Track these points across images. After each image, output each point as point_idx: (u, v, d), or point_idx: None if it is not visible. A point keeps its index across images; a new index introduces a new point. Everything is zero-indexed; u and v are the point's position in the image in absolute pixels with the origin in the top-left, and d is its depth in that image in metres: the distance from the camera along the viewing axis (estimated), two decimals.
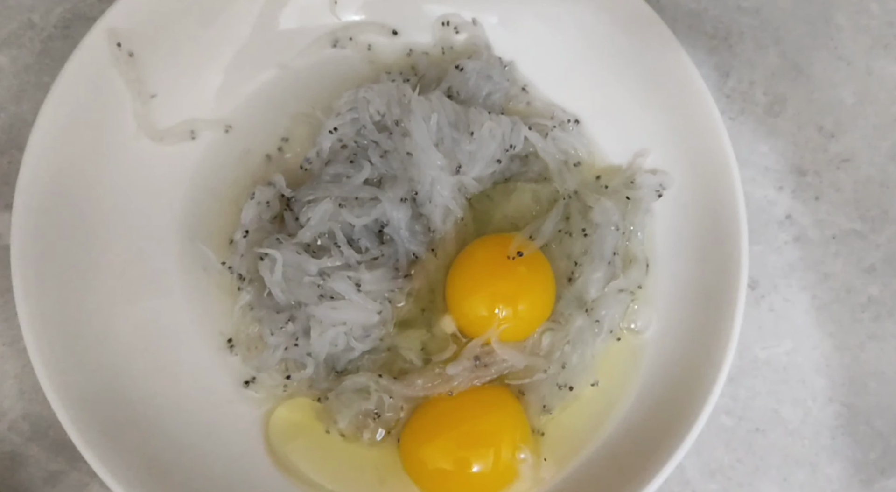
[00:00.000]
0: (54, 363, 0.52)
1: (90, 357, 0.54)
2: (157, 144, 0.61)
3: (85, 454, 0.50)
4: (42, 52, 0.68)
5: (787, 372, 0.64)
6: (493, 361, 0.56)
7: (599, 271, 0.58)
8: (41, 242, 0.55)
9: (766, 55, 0.70)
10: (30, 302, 0.53)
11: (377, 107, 0.60)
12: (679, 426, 0.54)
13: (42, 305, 0.53)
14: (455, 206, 0.59)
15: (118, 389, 0.55)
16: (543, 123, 0.63)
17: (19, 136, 0.66)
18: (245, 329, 0.59)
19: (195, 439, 0.55)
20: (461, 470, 0.55)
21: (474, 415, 0.56)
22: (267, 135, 0.64)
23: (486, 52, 0.64)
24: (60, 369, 0.52)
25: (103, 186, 0.58)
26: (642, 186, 0.60)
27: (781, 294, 0.65)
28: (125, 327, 0.57)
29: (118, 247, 0.58)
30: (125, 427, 0.53)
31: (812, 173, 0.68)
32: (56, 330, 0.53)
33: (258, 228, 0.60)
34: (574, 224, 0.59)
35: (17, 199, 0.54)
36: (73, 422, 0.50)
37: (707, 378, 0.54)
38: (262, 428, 0.57)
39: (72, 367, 0.53)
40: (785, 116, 0.69)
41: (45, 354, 0.52)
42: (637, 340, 0.59)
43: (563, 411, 0.58)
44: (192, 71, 0.62)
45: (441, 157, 0.58)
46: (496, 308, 0.56)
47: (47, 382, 0.51)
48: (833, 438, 0.63)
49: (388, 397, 0.56)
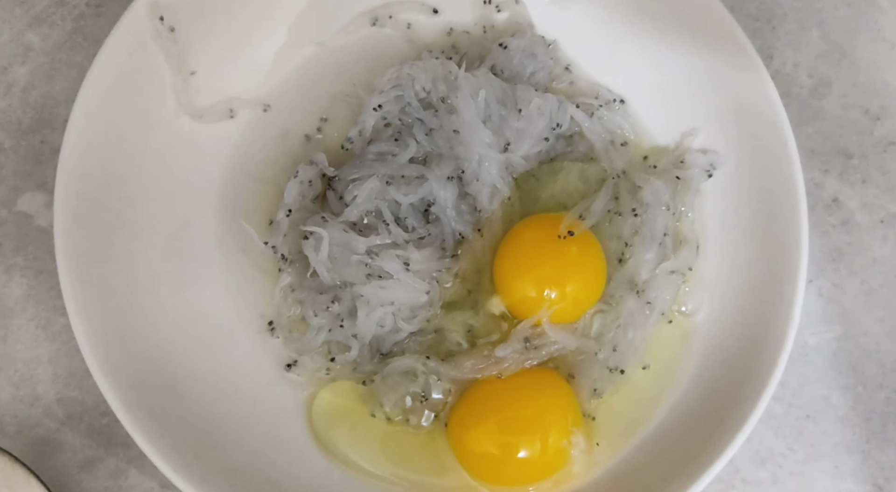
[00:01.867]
0: (100, 345, 0.50)
1: (133, 338, 0.53)
2: (196, 122, 0.59)
3: (134, 435, 0.49)
4: (74, 30, 0.66)
5: (837, 358, 0.62)
6: (544, 342, 0.55)
7: (650, 252, 0.57)
8: (83, 220, 0.53)
9: (810, 37, 0.69)
10: (73, 282, 0.51)
11: (422, 83, 0.59)
12: (735, 414, 0.52)
13: (85, 285, 0.52)
14: (503, 184, 0.57)
15: (161, 370, 0.53)
16: (588, 102, 0.61)
17: (51, 115, 0.64)
18: (286, 311, 0.58)
19: (238, 421, 0.54)
20: (510, 455, 0.54)
21: (524, 398, 0.54)
22: (305, 115, 0.63)
23: (529, 31, 0.63)
24: (106, 351, 0.50)
25: (143, 163, 0.57)
26: (692, 165, 0.59)
27: (830, 279, 0.64)
28: (166, 309, 0.55)
29: (158, 226, 0.57)
30: (169, 409, 0.52)
31: (858, 156, 0.67)
32: (100, 311, 0.52)
33: (300, 208, 0.58)
34: (624, 204, 0.58)
35: (59, 177, 0.53)
36: (122, 403, 0.49)
37: (764, 365, 0.53)
38: (305, 411, 0.56)
39: (117, 348, 0.51)
40: (830, 99, 0.68)
41: (91, 335, 0.50)
42: (688, 323, 0.58)
43: (613, 395, 0.56)
44: (231, 48, 0.60)
45: (489, 134, 0.56)
46: (546, 289, 0.54)
47: (94, 362, 0.50)
48: (884, 424, 0.61)
49: (437, 380, 0.54)
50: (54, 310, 0.60)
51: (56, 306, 0.60)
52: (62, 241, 0.52)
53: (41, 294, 0.61)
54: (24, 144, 0.64)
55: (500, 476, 0.55)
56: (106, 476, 0.58)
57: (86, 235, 0.53)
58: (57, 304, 0.60)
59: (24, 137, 0.64)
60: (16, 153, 0.63)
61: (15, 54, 0.65)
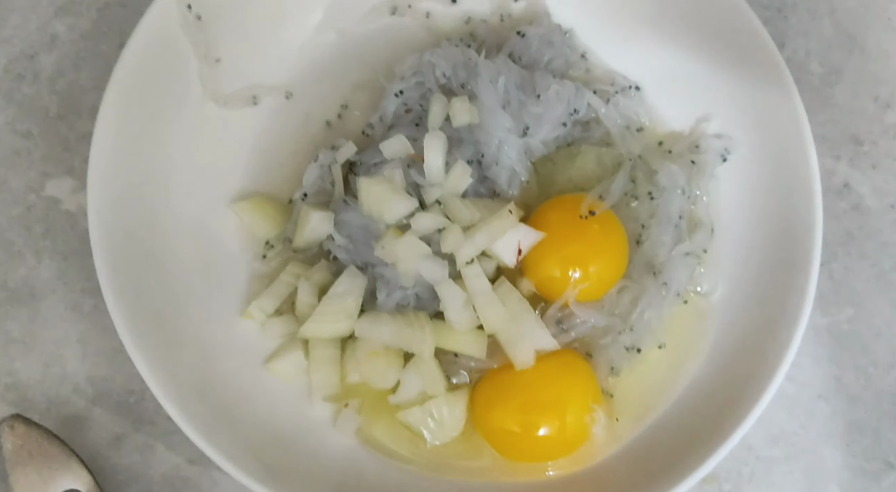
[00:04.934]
0: (134, 323, 0.52)
1: (164, 316, 0.54)
2: (222, 108, 0.61)
3: (167, 408, 0.50)
4: (98, 19, 0.68)
5: (849, 339, 0.64)
6: (573, 324, 0.56)
7: (666, 234, 0.58)
8: (114, 205, 0.55)
9: (821, 26, 0.70)
10: (108, 265, 0.53)
11: (443, 70, 0.60)
12: (749, 393, 0.53)
13: (118, 267, 0.53)
14: (521, 168, 0.59)
15: (191, 348, 0.55)
16: (605, 89, 0.62)
17: (78, 102, 0.66)
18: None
19: (268, 399, 0.56)
20: (531, 433, 0.55)
21: (545, 378, 0.55)
22: (327, 102, 0.64)
23: (546, 19, 0.64)
24: (139, 328, 0.52)
25: (170, 149, 0.58)
26: (707, 150, 0.60)
27: (841, 262, 0.65)
28: (194, 286, 0.57)
29: (185, 209, 0.58)
30: (200, 384, 0.53)
31: (869, 143, 0.68)
32: (132, 291, 0.53)
33: (318, 191, 0.60)
34: (640, 187, 0.59)
35: (92, 162, 0.54)
36: (154, 377, 0.51)
37: (778, 345, 0.54)
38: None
39: (149, 326, 0.53)
40: (841, 87, 0.69)
41: (123, 311, 0.52)
42: (704, 304, 0.59)
43: (630, 374, 0.58)
44: (255, 37, 0.62)
45: (509, 119, 0.58)
46: (571, 268, 0.56)
47: (128, 338, 0.51)
48: (895, 403, 0.62)
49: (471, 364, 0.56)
50: (83, 292, 0.62)
51: (84, 288, 0.62)
52: (96, 225, 0.53)
53: (70, 276, 0.62)
54: (52, 131, 0.65)
55: (523, 453, 0.56)
56: (134, 452, 0.59)
57: (117, 219, 0.54)
58: (85, 286, 0.62)
59: (52, 123, 0.65)
60: (44, 139, 0.65)
61: (42, 43, 0.67)
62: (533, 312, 0.56)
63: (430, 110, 0.59)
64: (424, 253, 0.55)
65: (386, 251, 0.55)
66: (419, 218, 0.55)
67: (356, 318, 0.56)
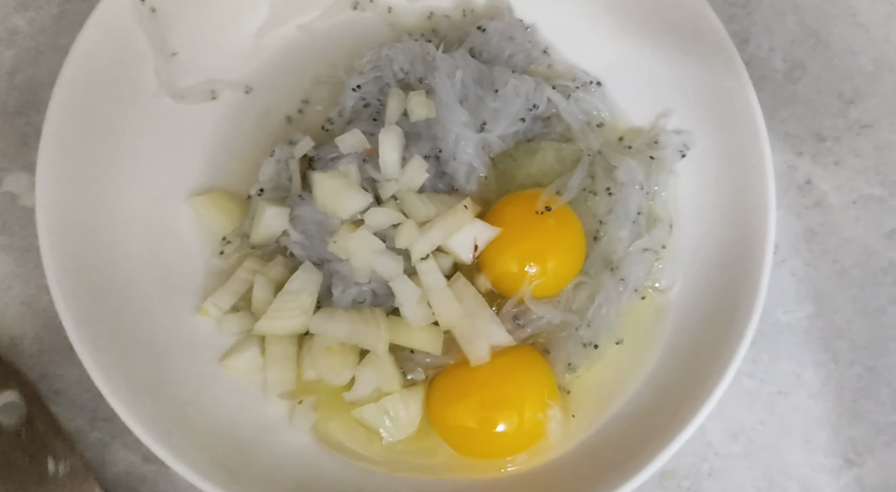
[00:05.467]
0: (83, 322, 0.52)
1: (115, 315, 0.54)
2: (179, 103, 0.60)
3: (116, 408, 0.50)
4: (59, 14, 0.67)
5: (809, 336, 0.64)
6: (529, 320, 0.56)
7: (624, 230, 0.58)
8: (64, 199, 0.54)
9: (785, 22, 0.70)
10: (56, 261, 0.52)
11: (401, 64, 0.60)
12: (703, 386, 0.53)
13: (67, 263, 0.53)
14: (479, 163, 0.58)
15: (144, 346, 0.54)
16: (566, 84, 0.62)
17: (36, 98, 0.65)
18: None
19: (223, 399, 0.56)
20: (487, 430, 0.55)
21: (501, 374, 0.55)
22: (287, 96, 0.64)
23: (507, 14, 0.64)
24: (89, 327, 0.52)
25: (124, 144, 0.58)
26: (666, 146, 0.60)
27: (802, 258, 0.65)
28: (145, 284, 0.56)
29: (138, 205, 0.58)
30: (152, 384, 0.53)
31: (832, 139, 0.68)
32: (82, 289, 0.53)
33: (276, 187, 0.59)
34: (599, 183, 0.59)
35: (42, 153, 0.53)
36: (104, 377, 0.50)
37: (732, 339, 0.54)
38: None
39: (100, 326, 0.53)
40: (804, 83, 0.69)
41: (73, 310, 0.51)
42: (661, 299, 0.59)
43: (587, 370, 0.58)
44: (212, 30, 0.61)
45: (465, 113, 0.57)
46: (527, 264, 0.55)
47: (76, 338, 0.51)
48: (855, 400, 0.62)
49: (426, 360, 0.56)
50: (39, 288, 0.61)
51: (41, 285, 0.61)
52: (44, 219, 0.53)
53: (27, 273, 0.62)
54: (9, 126, 0.64)
55: (479, 449, 0.56)
56: (90, 449, 0.59)
57: (67, 214, 0.54)
58: (41, 283, 0.61)
59: (10, 118, 0.65)
60: (1, 135, 0.64)
61: (1, 38, 0.66)
62: (488, 308, 0.55)
63: (388, 105, 0.58)
64: (378, 249, 0.55)
65: (339, 247, 0.55)
66: (373, 213, 0.55)
67: (311, 314, 0.55)
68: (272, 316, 0.55)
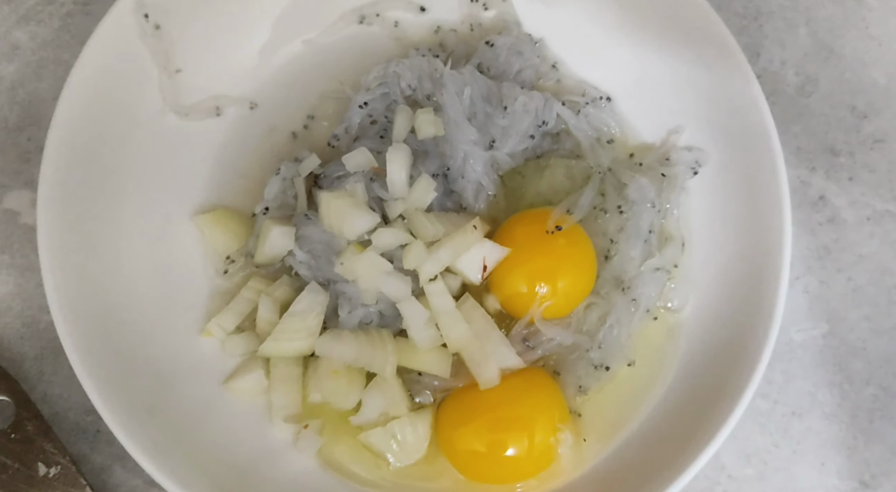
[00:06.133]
0: (84, 345, 0.51)
1: (117, 337, 0.53)
2: (183, 120, 0.60)
3: (117, 433, 0.49)
4: (61, 28, 0.66)
5: (823, 355, 0.63)
6: (539, 342, 0.55)
7: (636, 249, 0.57)
8: (67, 218, 0.53)
9: (797, 35, 0.69)
10: (57, 281, 0.51)
11: (408, 81, 0.59)
12: (718, 410, 0.52)
13: (69, 283, 0.52)
14: (488, 181, 0.58)
15: (145, 370, 0.53)
16: (575, 100, 0.61)
17: (38, 113, 0.64)
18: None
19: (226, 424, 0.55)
20: (497, 453, 0.54)
21: (511, 397, 0.54)
22: (292, 112, 0.63)
23: (515, 29, 0.63)
24: (90, 351, 0.51)
25: (128, 161, 0.57)
26: (677, 163, 0.59)
27: (816, 276, 0.64)
28: (149, 306, 0.55)
29: (142, 223, 0.57)
30: (153, 408, 0.52)
31: (845, 154, 0.67)
32: (84, 310, 0.52)
33: (281, 205, 0.59)
34: (609, 201, 0.58)
35: (44, 170, 0.53)
36: (104, 401, 0.49)
37: (748, 360, 0.53)
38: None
39: (101, 348, 0.52)
40: (817, 97, 0.68)
41: (73, 332, 0.50)
42: (674, 320, 0.58)
43: (599, 392, 0.57)
44: (217, 47, 0.61)
45: (474, 131, 0.57)
46: (538, 284, 0.54)
47: (77, 361, 0.50)
48: (871, 421, 0.61)
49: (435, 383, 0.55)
50: (40, 308, 0.60)
51: (42, 305, 0.60)
52: (45, 239, 0.52)
53: (27, 292, 0.61)
54: (10, 142, 0.64)
55: (489, 474, 0.55)
56: (91, 473, 0.57)
57: (69, 232, 0.53)
58: (42, 302, 0.60)
59: (11, 135, 0.64)
60: (2, 151, 0.63)
61: (2, 52, 0.65)
62: (498, 330, 0.54)
63: (395, 122, 0.58)
64: (386, 270, 0.54)
65: (346, 268, 0.54)
66: (380, 233, 0.54)
67: (317, 336, 0.54)
68: (278, 337, 0.54)
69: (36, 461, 0.53)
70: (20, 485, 0.52)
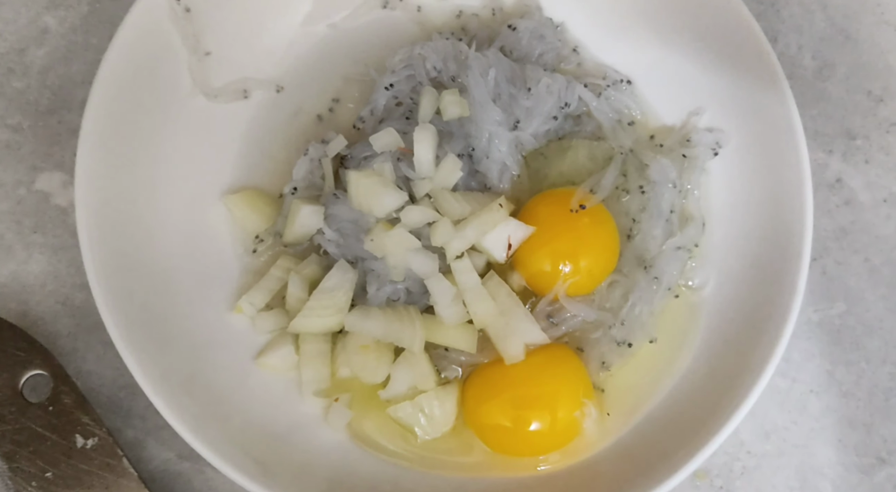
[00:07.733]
0: (125, 322, 0.52)
1: (153, 311, 0.54)
2: (212, 102, 0.61)
3: (156, 403, 0.50)
4: (89, 13, 0.67)
5: (841, 334, 0.64)
6: (563, 319, 0.56)
7: (658, 228, 0.58)
8: (102, 197, 0.54)
9: (814, 20, 0.70)
10: (97, 262, 0.52)
11: (433, 63, 0.60)
12: (739, 387, 0.53)
13: (106, 262, 0.53)
14: (512, 162, 0.59)
15: (182, 342, 0.55)
16: (596, 82, 0.62)
17: (68, 96, 0.65)
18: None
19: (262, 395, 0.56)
20: (522, 428, 0.55)
21: (536, 373, 0.55)
22: (318, 95, 0.64)
23: (537, 13, 0.64)
24: (130, 328, 0.52)
25: (159, 143, 0.58)
26: (698, 143, 0.60)
27: (833, 257, 0.65)
28: (183, 283, 0.57)
29: (174, 204, 0.58)
30: (189, 378, 0.53)
31: (861, 137, 0.68)
32: (122, 288, 0.53)
33: (309, 185, 0.60)
34: (631, 181, 0.59)
35: (80, 152, 0.54)
36: (143, 372, 0.51)
37: (768, 339, 0.54)
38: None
39: (140, 324, 0.53)
40: (833, 81, 0.69)
41: (112, 307, 0.51)
42: (695, 298, 0.59)
43: (621, 368, 0.58)
44: (245, 30, 0.62)
45: (499, 112, 0.58)
46: (562, 262, 0.55)
47: (119, 337, 0.51)
48: (887, 399, 0.62)
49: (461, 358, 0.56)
50: (73, 287, 0.62)
51: (75, 283, 0.62)
52: (84, 218, 0.53)
53: (60, 271, 0.62)
54: (41, 125, 0.65)
55: (514, 448, 0.56)
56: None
57: (105, 212, 0.54)
58: (76, 281, 0.62)
59: (42, 117, 0.65)
60: (34, 134, 0.65)
61: (32, 37, 0.67)
62: (523, 307, 0.56)
63: (421, 103, 0.59)
64: (414, 247, 0.55)
65: (375, 245, 0.55)
66: (409, 211, 0.55)
67: (346, 312, 0.55)
68: (307, 314, 0.55)
69: (73, 433, 0.54)
70: (59, 456, 0.54)
